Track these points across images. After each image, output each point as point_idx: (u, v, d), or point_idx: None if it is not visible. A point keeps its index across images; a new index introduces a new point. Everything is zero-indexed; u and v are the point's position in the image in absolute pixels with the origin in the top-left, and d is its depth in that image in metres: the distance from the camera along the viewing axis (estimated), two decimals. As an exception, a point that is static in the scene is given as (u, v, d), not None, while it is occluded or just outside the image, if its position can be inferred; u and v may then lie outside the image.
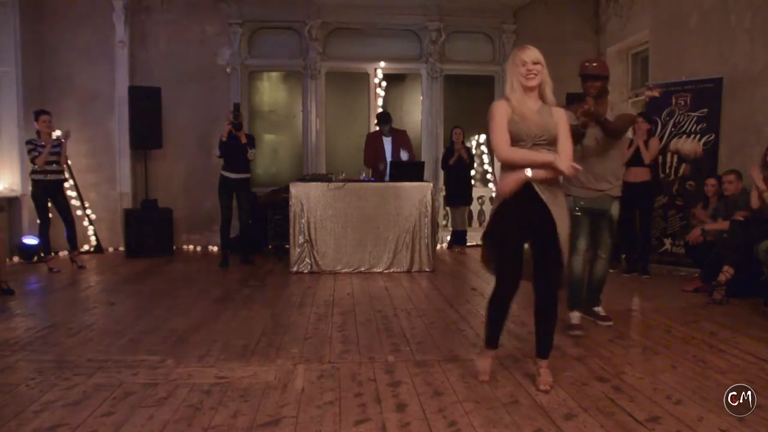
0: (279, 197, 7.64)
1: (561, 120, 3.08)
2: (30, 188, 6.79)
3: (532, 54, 2.99)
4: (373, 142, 7.55)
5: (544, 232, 2.93)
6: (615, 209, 4.21)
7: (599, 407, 2.74)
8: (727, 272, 4.90)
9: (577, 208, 4.24)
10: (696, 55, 6.63)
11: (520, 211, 2.95)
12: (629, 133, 6.75)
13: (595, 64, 4.12)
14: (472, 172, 8.41)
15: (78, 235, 7.06)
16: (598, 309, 4.35)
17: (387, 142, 7.44)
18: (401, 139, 7.50)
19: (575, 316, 4.15)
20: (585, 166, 3.87)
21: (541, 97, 3.06)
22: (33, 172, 6.63)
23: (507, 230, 2.99)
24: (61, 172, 6.82)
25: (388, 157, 7.37)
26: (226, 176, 6.95)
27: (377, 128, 7.72)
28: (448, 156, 8.19)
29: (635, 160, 6.24)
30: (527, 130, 2.97)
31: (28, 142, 6.65)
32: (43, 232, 6.74)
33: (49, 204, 6.73)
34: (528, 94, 3.02)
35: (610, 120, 3.98)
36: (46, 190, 6.66)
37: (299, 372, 3.24)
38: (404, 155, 7.30)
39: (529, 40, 8.52)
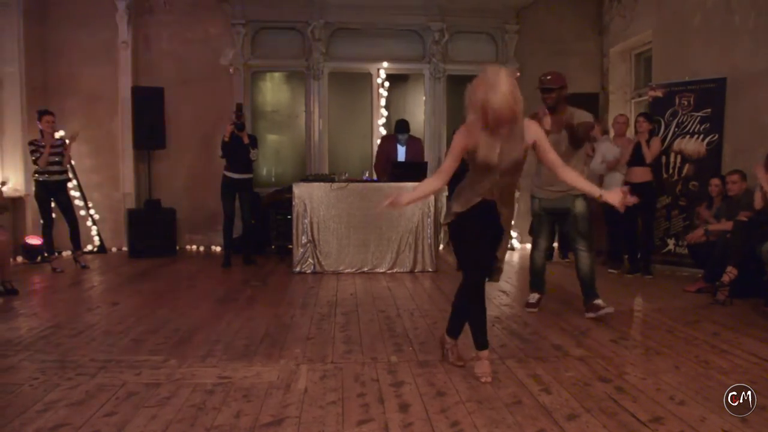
0: (282, 197, 7.65)
1: (537, 134, 3.04)
2: (33, 188, 6.81)
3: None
4: (387, 146, 7.52)
5: (491, 237, 3.17)
6: (579, 206, 4.42)
7: (602, 408, 2.74)
8: (730, 273, 4.89)
9: (540, 210, 4.60)
10: (699, 55, 6.62)
11: (482, 221, 3.11)
12: (627, 134, 6.81)
13: (549, 77, 4.40)
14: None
15: (81, 235, 7.07)
16: (598, 302, 4.40)
17: (401, 150, 7.43)
18: (415, 147, 7.49)
19: (533, 297, 4.72)
20: (548, 169, 3.98)
21: None
22: (36, 172, 6.66)
23: (471, 235, 3.13)
24: (64, 172, 6.84)
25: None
26: (229, 176, 6.96)
27: (386, 132, 7.66)
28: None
29: (637, 160, 6.23)
30: (497, 159, 2.97)
31: (30, 143, 6.67)
32: (47, 232, 6.77)
33: (53, 204, 6.75)
34: None
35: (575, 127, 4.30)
36: (49, 190, 6.68)
37: (302, 372, 3.25)
38: None
39: (531, 40, 8.60)
